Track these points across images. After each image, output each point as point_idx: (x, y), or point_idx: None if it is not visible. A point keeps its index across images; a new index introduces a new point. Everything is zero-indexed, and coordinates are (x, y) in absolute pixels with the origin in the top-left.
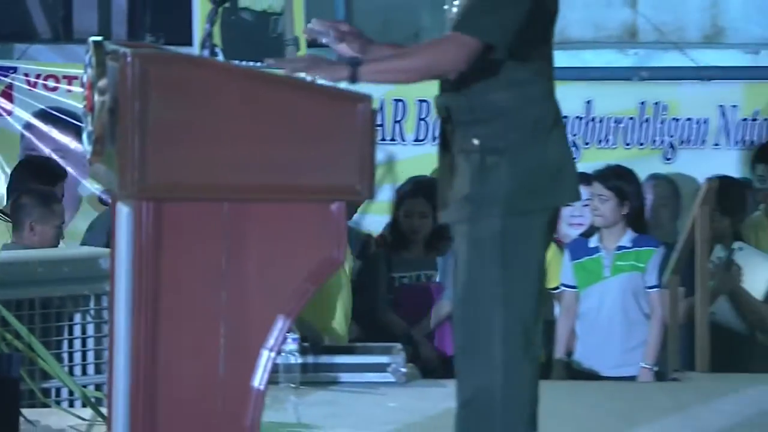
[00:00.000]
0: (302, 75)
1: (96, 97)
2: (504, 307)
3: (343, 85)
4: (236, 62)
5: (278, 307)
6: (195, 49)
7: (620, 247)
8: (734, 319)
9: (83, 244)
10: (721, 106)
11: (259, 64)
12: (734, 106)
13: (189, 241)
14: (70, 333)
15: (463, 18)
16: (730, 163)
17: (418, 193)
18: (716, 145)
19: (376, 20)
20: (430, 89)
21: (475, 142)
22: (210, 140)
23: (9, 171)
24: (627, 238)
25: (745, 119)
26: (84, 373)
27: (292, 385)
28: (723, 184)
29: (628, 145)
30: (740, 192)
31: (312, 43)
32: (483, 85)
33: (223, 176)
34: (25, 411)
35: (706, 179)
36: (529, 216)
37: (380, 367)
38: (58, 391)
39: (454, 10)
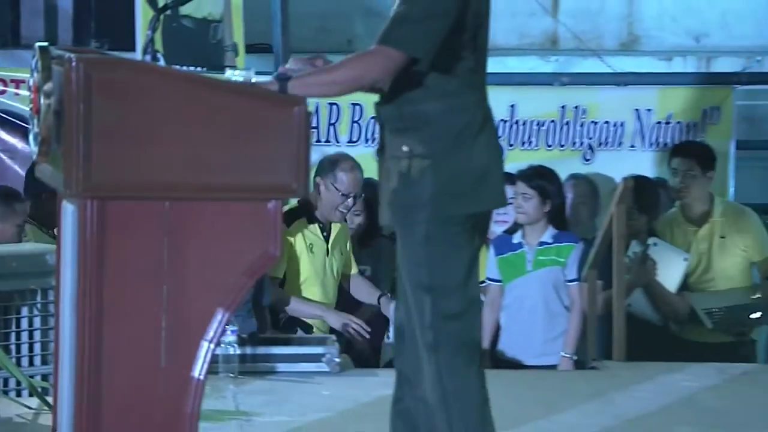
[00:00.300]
0: (241, 78)
1: (42, 100)
2: (431, 311)
3: None
4: (177, 67)
5: (217, 300)
6: (138, 55)
7: (542, 243)
8: (649, 310)
9: None
10: (636, 109)
11: (199, 69)
12: (649, 110)
13: (132, 238)
14: (18, 326)
15: (388, 30)
16: (645, 163)
17: None
18: (632, 146)
19: (311, 27)
20: (364, 94)
21: (404, 149)
22: (151, 141)
23: None
24: (548, 234)
25: (659, 122)
26: (31, 364)
27: (231, 375)
28: (638, 183)
29: (549, 146)
30: (654, 191)
31: (250, 48)
32: (412, 95)
33: (164, 176)
34: None
35: (623, 179)
36: (453, 221)
37: (315, 358)
38: (5, 381)
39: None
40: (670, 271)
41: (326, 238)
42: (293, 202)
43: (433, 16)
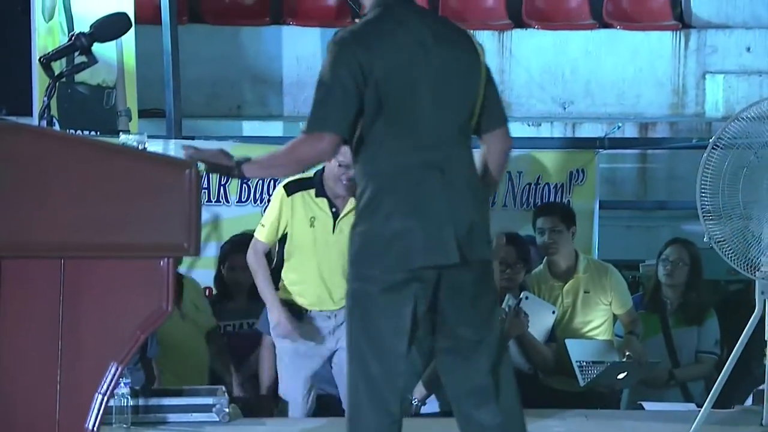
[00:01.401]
0: (135, 144)
1: None
2: (351, 363)
3: None
4: (72, 131)
5: (111, 354)
6: (35, 120)
7: None
8: (521, 360)
9: None
10: (509, 172)
11: (94, 133)
12: (519, 172)
13: (28, 294)
14: None
15: (309, 117)
16: (516, 222)
17: (239, 249)
18: (504, 206)
19: (202, 93)
20: (252, 154)
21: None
22: (46, 202)
23: None
24: None
25: (529, 183)
26: None
27: (125, 426)
28: (515, 239)
29: None
30: (526, 247)
31: (143, 113)
32: (355, 160)
33: (58, 235)
34: None
35: (496, 235)
36: (368, 281)
37: (205, 408)
38: None
39: None
40: (540, 323)
41: (334, 214)
42: (309, 173)
43: (330, 92)
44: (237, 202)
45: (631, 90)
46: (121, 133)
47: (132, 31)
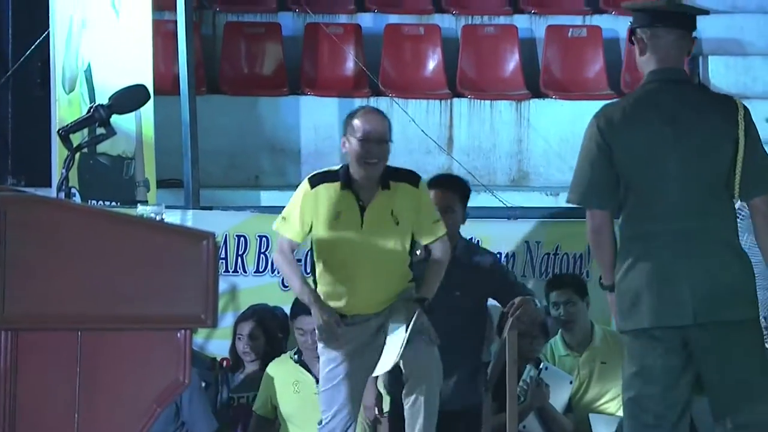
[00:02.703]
0: (152, 215)
1: None
2: None
3: None
4: (92, 202)
5: (128, 427)
6: (53, 191)
7: None
8: (540, 431)
9: None
10: (527, 242)
11: (113, 203)
12: (538, 242)
13: (44, 367)
14: None
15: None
16: (536, 292)
17: (251, 317)
18: (523, 276)
19: (220, 163)
20: (270, 226)
21: None
22: (64, 274)
23: None
24: None
25: (547, 253)
26: None
27: None
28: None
29: None
30: (545, 319)
31: (161, 183)
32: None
33: (75, 307)
34: None
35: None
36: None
37: None
38: None
39: None
40: (557, 394)
41: (361, 208)
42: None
43: (581, 168)
44: (254, 272)
45: None
46: (139, 204)
47: (151, 101)
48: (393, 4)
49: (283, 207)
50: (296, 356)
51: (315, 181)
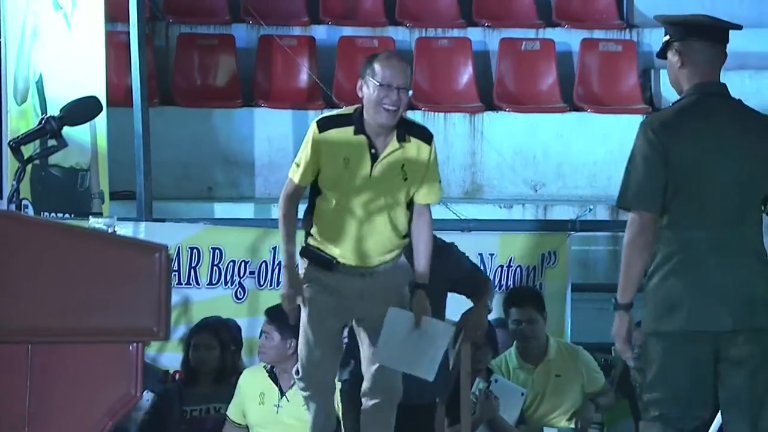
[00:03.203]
0: (104, 227)
1: None
2: None
3: None
4: (47, 214)
5: None
6: (4, 203)
7: None
8: None
9: None
10: (480, 254)
11: (67, 215)
12: (491, 254)
13: None
14: None
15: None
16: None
17: (204, 328)
18: None
19: (173, 175)
20: (224, 238)
21: None
22: (13, 287)
23: None
24: None
25: (501, 266)
26: None
27: None
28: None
29: None
30: (493, 329)
31: (114, 195)
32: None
33: (26, 320)
34: None
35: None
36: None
37: None
38: None
39: None
40: (509, 406)
41: (373, 156)
42: (349, 108)
43: (634, 171)
44: (207, 284)
45: (602, 172)
46: (91, 216)
47: (103, 113)
48: (347, 17)
49: (236, 219)
50: (269, 366)
51: (325, 124)
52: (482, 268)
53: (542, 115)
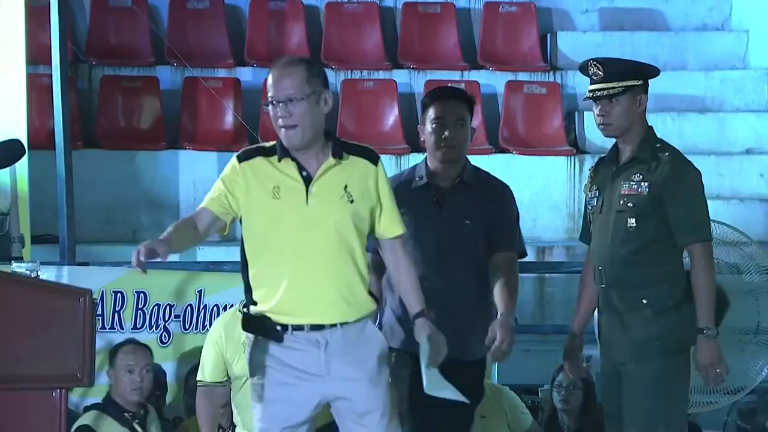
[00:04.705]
0: (27, 272)
1: None
2: None
3: None
4: None
5: None
6: None
7: None
8: None
9: None
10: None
11: None
12: None
13: None
14: None
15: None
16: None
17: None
18: None
19: (97, 218)
20: (148, 282)
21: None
22: None
23: None
24: None
25: None
26: None
27: None
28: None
29: None
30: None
31: (36, 239)
32: None
33: None
34: None
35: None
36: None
37: None
38: None
39: None
40: None
41: (306, 179)
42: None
43: (701, 205)
44: (132, 328)
45: (527, 214)
46: (13, 260)
47: (25, 156)
48: (272, 59)
49: (161, 262)
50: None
51: (247, 153)
52: None
53: (468, 156)
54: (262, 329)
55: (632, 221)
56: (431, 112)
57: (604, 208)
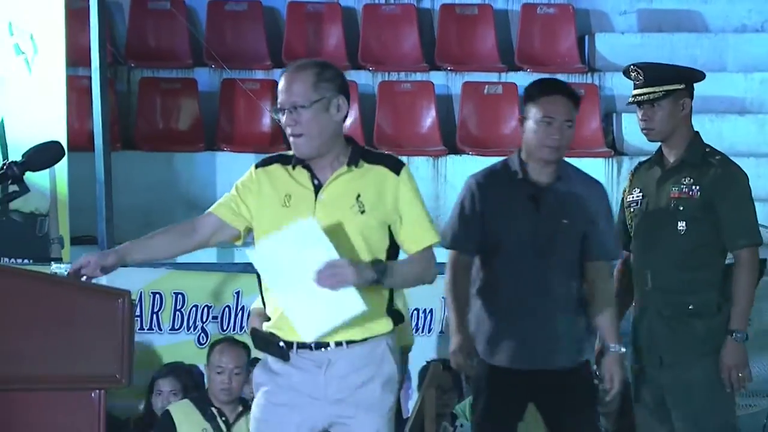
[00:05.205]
0: (65, 271)
1: None
2: None
3: None
4: (6, 260)
5: None
6: None
7: None
8: None
9: None
10: (444, 297)
11: (26, 261)
12: None
13: None
14: None
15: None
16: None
17: (169, 373)
18: (441, 332)
19: (135, 220)
20: (186, 283)
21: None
22: None
23: None
24: None
25: None
26: None
27: None
28: (446, 366)
29: None
30: (457, 375)
31: (75, 241)
32: None
33: None
34: None
35: (432, 363)
36: None
37: None
38: None
39: None
40: None
41: (316, 187)
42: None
43: (751, 208)
44: (170, 329)
45: None
46: (53, 261)
47: (65, 158)
48: None
49: (199, 263)
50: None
51: (264, 161)
52: (446, 312)
53: (505, 158)
54: (269, 346)
55: (682, 224)
56: (538, 110)
57: (649, 211)
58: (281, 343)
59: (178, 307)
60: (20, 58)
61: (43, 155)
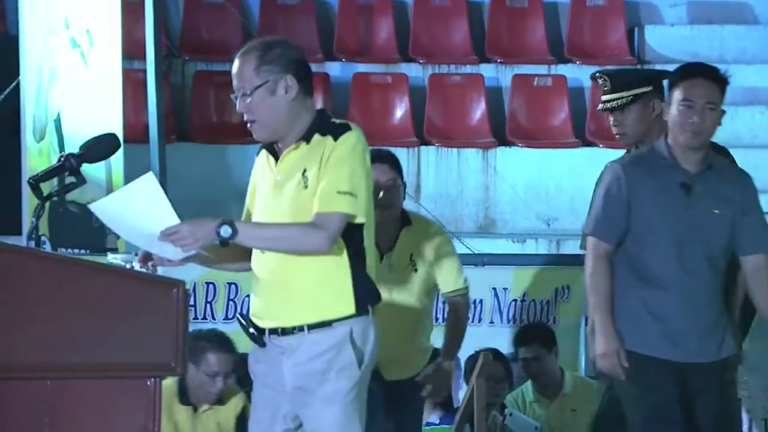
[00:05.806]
0: (122, 263)
1: None
2: None
3: None
4: (63, 250)
5: None
6: (24, 240)
7: (428, 423)
8: None
9: None
10: (494, 288)
11: (83, 251)
12: (505, 288)
13: (11, 416)
14: None
15: None
16: (503, 339)
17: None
18: (491, 323)
19: (190, 211)
20: (239, 273)
21: None
22: (31, 323)
23: None
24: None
25: (515, 300)
26: None
27: None
28: (497, 356)
29: None
30: (509, 364)
31: None
32: None
33: (44, 356)
34: None
35: (482, 352)
36: None
37: None
38: None
39: None
40: None
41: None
42: None
43: None
44: (224, 319)
45: None
46: (108, 252)
47: (120, 150)
48: (361, 54)
49: None
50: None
51: (258, 150)
52: (496, 302)
53: (555, 150)
54: (248, 333)
55: None
56: (678, 93)
57: None
58: (251, 330)
59: (231, 297)
60: (76, 51)
61: (100, 147)
